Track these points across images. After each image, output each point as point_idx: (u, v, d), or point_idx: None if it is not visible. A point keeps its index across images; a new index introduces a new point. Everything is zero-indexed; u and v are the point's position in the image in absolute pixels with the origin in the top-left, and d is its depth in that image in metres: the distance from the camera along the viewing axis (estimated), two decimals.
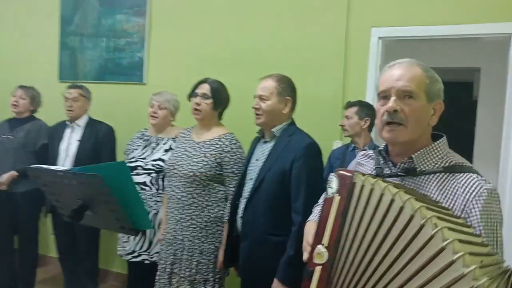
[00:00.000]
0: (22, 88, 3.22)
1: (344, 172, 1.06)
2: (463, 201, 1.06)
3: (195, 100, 2.30)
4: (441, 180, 1.12)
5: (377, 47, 2.79)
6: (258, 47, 3.11)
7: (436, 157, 1.15)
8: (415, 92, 1.13)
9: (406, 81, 1.13)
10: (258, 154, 2.06)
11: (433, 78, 1.16)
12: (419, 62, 1.18)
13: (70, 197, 1.71)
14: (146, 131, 2.83)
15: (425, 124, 1.16)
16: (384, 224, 0.94)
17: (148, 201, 2.58)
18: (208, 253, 2.26)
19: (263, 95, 2.00)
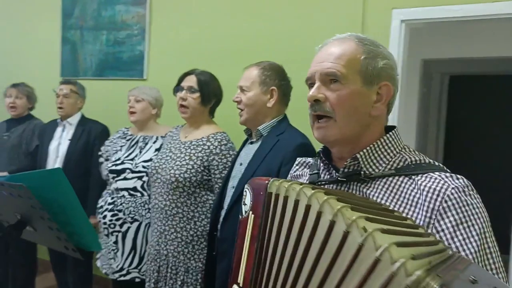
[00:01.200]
0: (15, 87, 3.06)
1: (258, 180, 0.82)
2: (427, 211, 0.81)
3: (180, 94, 2.00)
4: (395, 186, 0.86)
5: (399, 32, 2.36)
6: (265, 37, 2.77)
7: (387, 156, 0.90)
8: (341, 74, 0.88)
9: (332, 60, 0.89)
10: (243, 157, 1.72)
11: (373, 52, 0.89)
12: (359, 35, 0.93)
13: (8, 210, 1.45)
14: (128, 130, 2.56)
15: (363, 115, 0.89)
16: (302, 238, 0.70)
17: (139, 209, 2.29)
18: (195, 272, 1.95)
19: (244, 86, 1.67)
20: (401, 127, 2.47)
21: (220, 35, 2.95)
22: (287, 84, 1.71)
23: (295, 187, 0.74)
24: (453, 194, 0.80)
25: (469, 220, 0.79)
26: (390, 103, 0.93)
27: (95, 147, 2.78)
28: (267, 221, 0.77)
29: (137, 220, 2.29)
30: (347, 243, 0.63)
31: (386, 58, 0.91)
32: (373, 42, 0.92)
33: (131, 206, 2.29)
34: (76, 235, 1.40)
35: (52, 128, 2.89)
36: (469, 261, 0.69)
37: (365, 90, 0.88)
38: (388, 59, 0.91)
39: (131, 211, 2.29)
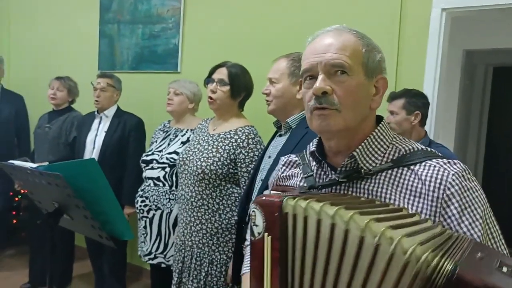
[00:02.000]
0: (58, 80, 3.16)
1: (268, 199, 0.76)
2: (432, 201, 0.81)
3: (211, 87, 1.99)
4: (395, 179, 0.86)
5: (440, 21, 2.25)
6: (298, 29, 2.72)
7: (380, 148, 0.89)
8: (349, 65, 0.85)
9: (335, 51, 0.86)
10: (271, 150, 1.69)
11: (370, 45, 0.89)
12: (351, 28, 0.91)
13: (46, 198, 1.50)
14: (168, 123, 2.64)
15: (365, 107, 0.88)
16: (332, 257, 0.70)
17: (161, 198, 2.38)
18: (219, 264, 1.95)
19: (273, 78, 1.63)
20: (440, 119, 2.38)
21: (253, 28, 2.92)
22: None
23: (314, 206, 0.72)
24: (454, 181, 0.81)
25: (472, 204, 0.81)
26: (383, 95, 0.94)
27: (130, 139, 2.84)
28: (288, 243, 0.75)
29: (160, 209, 2.38)
30: (379, 253, 0.66)
31: (380, 51, 0.91)
32: (365, 35, 0.91)
33: (155, 195, 2.39)
34: (109, 224, 1.43)
35: (89, 120, 2.97)
36: (469, 239, 0.73)
37: (367, 83, 0.88)
38: (381, 52, 0.92)
39: (155, 199, 2.39)
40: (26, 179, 1.47)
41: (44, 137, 3.12)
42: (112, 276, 2.95)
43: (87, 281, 3.39)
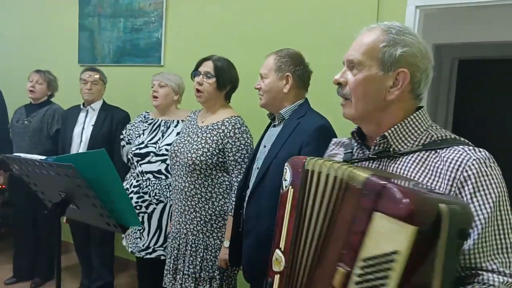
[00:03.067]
0: (38, 73, 3.14)
1: (296, 159, 0.93)
2: (449, 180, 0.87)
3: (197, 79, 2.07)
4: (421, 160, 0.93)
5: (414, 18, 2.41)
6: (280, 24, 2.82)
7: (414, 133, 0.97)
8: (358, 60, 0.96)
9: (353, 49, 0.98)
10: (266, 140, 1.80)
11: (394, 40, 0.94)
12: (389, 24, 0.98)
13: (52, 189, 1.55)
14: (148, 114, 2.64)
15: (377, 98, 0.96)
16: (330, 206, 0.84)
17: (164, 191, 2.39)
18: (214, 249, 2.05)
19: (263, 73, 1.76)
20: None
21: (236, 22, 3.00)
22: (304, 69, 1.77)
23: (327, 163, 0.86)
24: (474, 165, 0.86)
25: (486, 188, 0.85)
26: (414, 88, 0.96)
27: (117, 132, 2.86)
28: (304, 193, 0.88)
29: (162, 202, 2.39)
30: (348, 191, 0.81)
31: (408, 45, 0.94)
32: (399, 31, 0.95)
33: (156, 189, 2.39)
34: (116, 212, 1.50)
35: (74, 113, 2.98)
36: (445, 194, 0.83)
37: (381, 76, 0.95)
38: (409, 46, 0.94)
39: (156, 193, 2.39)
40: (32, 171, 1.52)
41: (23, 130, 3.10)
42: (101, 268, 2.99)
43: (71, 273, 3.41)
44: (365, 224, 0.72)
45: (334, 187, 0.83)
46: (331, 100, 2.34)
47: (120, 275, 3.34)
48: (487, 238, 0.83)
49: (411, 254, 0.67)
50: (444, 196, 0.77)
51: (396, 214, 0.68)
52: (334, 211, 0.82)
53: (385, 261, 0.69)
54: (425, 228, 0.67)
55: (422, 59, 0.95)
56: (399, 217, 0.67)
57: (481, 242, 0.83)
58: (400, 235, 0.67)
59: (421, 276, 0.69)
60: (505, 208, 0.86)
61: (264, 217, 1.66)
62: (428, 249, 0.68)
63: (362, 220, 0.73)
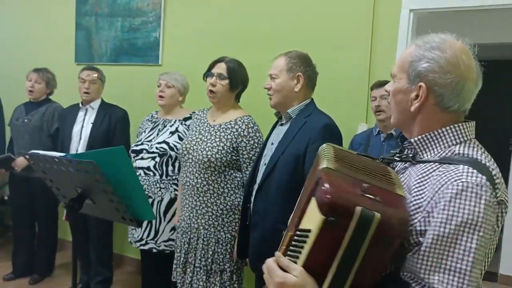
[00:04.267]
0: (36, 72, 3.15)
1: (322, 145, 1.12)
2: (432, 192, 0.90)
3: (211, 80, 2.15)
4: (429, 170, 0.97)
5: (408, 20, 2.53)
6: (278, 24, 2.91)
7: (442, 145, 1.00)
8: (393, 73, 1.07)
9: (396, 63, 1.08)
10: (274, 137, 1.89)
11: (421, 56, 1.00)
12: (425, 40, 1.02)
13: (69, 185, 1.61)
14: (156, 114, 2.72)
15: (404, 109, 1.04)
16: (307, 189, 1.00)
17: (152, 187, 2.47)
18: (225, 243, 2.13)
19: (273, 74, 1.84)
20: None
21: (234, 21, 3.07)
22: (312, 70, 1.87)
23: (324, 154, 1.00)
24: (458, 186, 0.86)
25: (457, 210, 0.85)
26: (438, 101, 0.99)
27: (116, 131, 2.92)
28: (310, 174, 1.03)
29: (150, 197, 2.46)
30: None
31: (429, 61, 0.98)
32: (430, 47, 0.99)
33: (145, 185, 2.47)
34: (131, 207, 1.56)
35: (73, 112, 3.01)
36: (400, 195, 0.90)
37: (407, 89, 1.02)
38: (430, 62, 0.97)
39: (145, 189, 2.46)
40: (50, 167, 1.57)
41: (24, 128, 3.12)
42: (99, 264, 3.04)
43: (68, 270, 3.45)
44: (305, 204, 0.89)
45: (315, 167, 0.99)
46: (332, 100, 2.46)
47: (118, 271, 3.38)
48: (433, 254, 0.85)
49: (318, 236, 0.82)
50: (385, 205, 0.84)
51: (318, 202, 0.83)
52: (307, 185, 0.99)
53: (304, 235, 0.85)
54: (337, 221, 0.81)
55: (443, 74, 0.97)
56: (318, 205, 0.83)
57: (426, 255, 0.86)
58: (316, 219, 0.82)
59: (323, 257, 0.83)
60: (468, 236, 0.84)
61: (271, 211, 1.75)
62: (335, 238, 0.81)
63: (304, 200, 0.92)
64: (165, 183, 2.48)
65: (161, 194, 2.47)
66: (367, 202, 0.82)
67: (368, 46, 2.62)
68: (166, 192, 2.47)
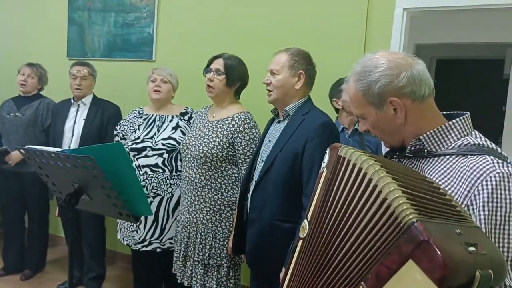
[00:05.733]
0: (30, 67, 3.13)
1: (335, 145, 1.02)
2: (468, 186, 0.91)
3: (208, 75, 2.17)
4: (450, 163, 0.99)
5: (401, 19, 2.56)
6: (271, 21, 2.91)
7: (451, 138, 1.03)
8: (360, 115, 1.13)
9: (353, 106, 1.13)
10: (271, 134, 1.91)
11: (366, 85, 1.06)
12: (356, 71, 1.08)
13: (66, 180, 1.61)
14: (142, 110, 2.67)
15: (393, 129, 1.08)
16: (351, 193, 0.90)
17: (161, 184, 2.43)
18: (222, 238, 2.15)
19: (274, 69, 1.84)
20: None
21: (228, 18, 3.07)
22: (313, 69, 1.89)
23: (357, 153, 0.94)
24: (495, 177, 0.89)
25: (499, 201, 0.88)
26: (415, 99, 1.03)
27: (109, 127, 2.90)
28: (333, 175, 0.98)
29: (159, 195, 2.43)
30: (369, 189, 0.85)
31: (379, 80, 1.02)
32: (367, 70, 1.04)
33: (154, 182, 2.43)
34: (129, 203, 1.56)
35: (65, 108, 2.98)
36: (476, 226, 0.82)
37: (382, 114, 1.05)
38: (380, 80, 1.02)
39: (153, 186, 2.43)
40: (46, 162, 1.56)
41: (16, 123, 3.09)
42: (92, 260, 3.03)
43: (60, 266, 3.44)
44: (398, 265, 0.75)
45: (356, 178, 0.90)
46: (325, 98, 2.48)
47: (110, 267, 3.37)
48: None
49: None
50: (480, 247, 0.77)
51: (428, 273, 0.70)
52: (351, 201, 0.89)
53: None
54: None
55: (396, 78, 1.01)
56: (431, 277, 0.69)
57: None
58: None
59: None
60: None
61: (269, 207, 1.77)
62: None
63: (395, 259, 0.76)
64: (175, 179, 2.46)
65: (171, 190, 2.45)
66: (478, 259, 0.74)
67: (362, 45, 2.65)
68: (176, 188, 2.45)
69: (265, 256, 1.81)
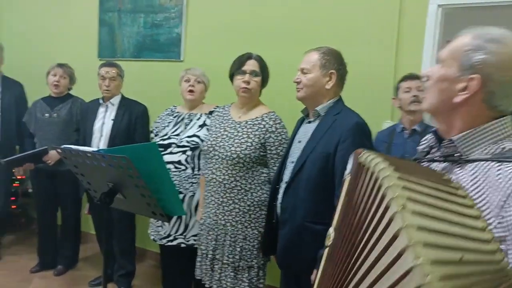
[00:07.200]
0: (61, 67, 3.19)
1: (359, 151, 0.99)
2: (504, 196, 0.82)
3: (244, 78, 2.15)
4: (484, 170, 0.88)
5: (436, 16, 2.49)
6: (300, 19, 2.89)
7: (486, 141, 0.93)
8: (443, 57, 1.01)
9: (446, 47, 1.02)
10: (301, 135, 1.88)
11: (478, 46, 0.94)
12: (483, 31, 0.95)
13: (100, 179, 1.63)
14: (175, 108, 2.70)
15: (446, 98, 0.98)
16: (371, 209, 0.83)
17: (183, 182, 2.46)
18: (252, 239, 2.13)
19: (305, 68, 1.82)
20: None
21: (257, 17, 3.06)
22: (344, 69, 1.85)
23: (375, 161, 0.89)
24: None
25: None
26: (487, 98, 0.93)
27: (137, 126, 2.94)
28: (354, 182, 0.95)
29: (181, 193, 2.45)
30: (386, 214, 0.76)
31: (488, 54, 0.91)
32: (491, 38, 0.92)
33: (177, 180, 2.46)
34: (162, 202, 1.57)
35: (94, 108, 3.03)
36: None
37: (456, 78, 0.95)
38: (489, 55, 0.91)
39: (176, 184, 2.45)
40: (82, 162, 1.59)
41: (51, 123, 3.15)
42: (123, 257, 3.08)
43: (91, 263, 3.50)
44: None
45: (373, 189, 0.85)
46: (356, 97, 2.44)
47: (140, 264, 3.42)
48: None
49: None
50: None
51: None
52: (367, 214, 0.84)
53: None
54: None
55: (501, 71, 0.90)
56: None
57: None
58: None
59: None
60: None
61: (300, 208, 1.75)
62: None
63: None
64: (197, 178, 2.47)
65: (193, 189, 2.46)
66: None
67: (394, 43, 2.59)
68: (198, 186, 2.46)
69: (296, 258, 1.79)
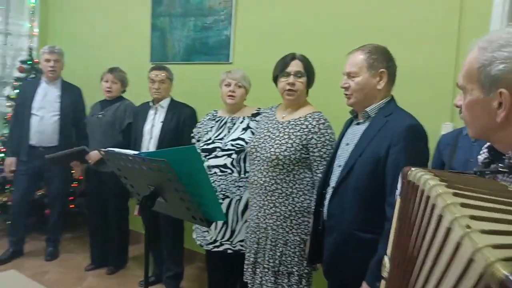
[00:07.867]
0: (111, 73, 3.29)
1: (405, 169, 0.90)
2: None
3: (289, 79, 2.08)
4: None
5: (502, 9, 2.27)
6: (351, 18, 2.76)
7: None
8: (462, 86, 0.94)
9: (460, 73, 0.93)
10: (349, 137, 1.76)
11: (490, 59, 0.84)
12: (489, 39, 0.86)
13: (142, 182, 1.62)
14: (216, 113, 2.67)
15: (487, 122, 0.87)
16: (427, 233, 0.73)
17: (230, 186, 2.42)
18: (293, 245, 2.05)
19: (352, 72, 1.68)
20: None
21: (306, 18, 2.98)
22: (394, 65, 1.71)
23: (424, 177, 0.80)
24: None
25: None
26: None
27: (185, 128, 2.95)
28: (405, 204, 0.85)
29: (228, 197, 2.41)
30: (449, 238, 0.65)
31: (505, 61, 0.82)
32: (500, 45, 0.84)
33: (223, 184, 2.42)
34: (202, 206, 1.54)
35: (144, 110, 3.10)
36: None
37: (484, 99, 0.86)
38: (507, 62, 0.82)
39: (222, 188, 2.41)
40: (124, 165, 1.59)
41: (97, 124, 3.27)
42: (171, 259, 3.10)
43: (141, 263, 3.55)
44: None
45: (425, 209, 0.75)
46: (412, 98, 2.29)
47: (189, 267, 3.44)
48: None
49: None
50: None
51: None
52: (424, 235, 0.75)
53: None
54: None
55: None
56: None
57: None
58: None
59: None
60: None
61: (348, 214, 1.64)
62: None
63: None
64: (243, 182, 2.42)
65: (240, 192, 2.42)
66: None
67: (454, 39, 2.39)
68: (244, 190, 2.41)
69: (343, 267, 1.68)
